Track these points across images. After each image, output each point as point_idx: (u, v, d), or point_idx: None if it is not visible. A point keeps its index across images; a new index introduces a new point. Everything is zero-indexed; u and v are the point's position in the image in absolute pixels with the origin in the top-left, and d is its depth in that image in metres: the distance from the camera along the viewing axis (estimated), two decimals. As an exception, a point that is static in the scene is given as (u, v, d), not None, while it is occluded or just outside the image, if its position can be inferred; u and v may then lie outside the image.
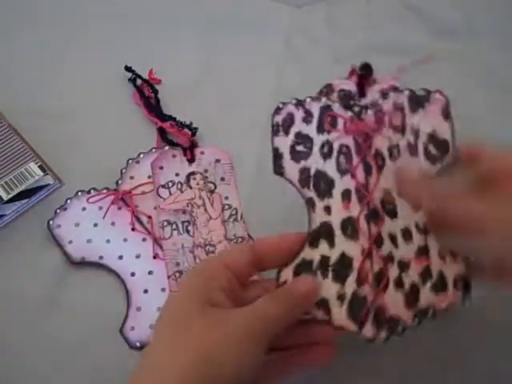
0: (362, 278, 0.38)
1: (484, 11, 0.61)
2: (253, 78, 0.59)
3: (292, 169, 0.40)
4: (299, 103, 0.41)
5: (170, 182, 0.52)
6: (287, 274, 0.39)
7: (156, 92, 0.57)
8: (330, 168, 0.40)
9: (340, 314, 0.38)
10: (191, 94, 0.58)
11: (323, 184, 0.40)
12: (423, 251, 0.39)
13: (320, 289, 0.38)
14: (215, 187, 0.52)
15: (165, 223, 0.50)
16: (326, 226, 0.39)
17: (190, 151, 0.53)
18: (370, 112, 0.40)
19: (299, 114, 0.41)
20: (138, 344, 0.46)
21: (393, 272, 0.38)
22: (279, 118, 0.41)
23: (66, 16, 0.61)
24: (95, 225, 0.50)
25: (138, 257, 0.49)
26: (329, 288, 0.38)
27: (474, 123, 0.48)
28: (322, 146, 0.40)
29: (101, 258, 0.49)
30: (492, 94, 0.56)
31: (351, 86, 0.41)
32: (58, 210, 0.50)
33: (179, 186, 0.52)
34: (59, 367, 0.45)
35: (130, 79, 0.57)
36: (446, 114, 0.40)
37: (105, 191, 0.51)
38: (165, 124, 0.54)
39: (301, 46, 0.61)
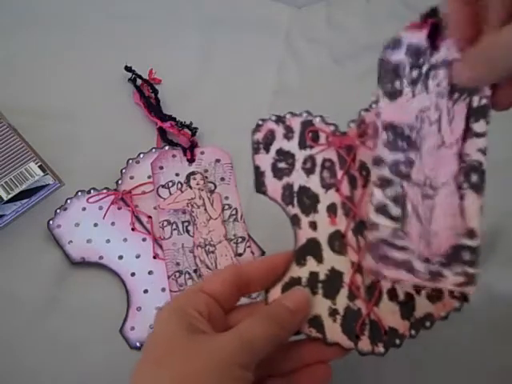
0: (353, 292, 0.37)
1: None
2: (253, 77, 0.59)
3: (274, 186, 0.39)
4: (279, 119, 0.39)
5: (170, 181, 0.52)
6: (275, 293, 0.38)
7: (156, 92, 0.57)
8: (313, 183, 0.39)
9: (334, 330, 0.37)
10: (191, 94, 0.58)
11: (307, 199, 0.39)
12: None
13: (311, 305, 0.37)
14: (215, 187, 0.52)
15: (165, 223, 0.50)
16: (313, 242, 0.38)
17: (189, 151, 0.53)
18: (440, 72, 0.34)
19: (280, 131, 0.39)
20: (137, 344, 0.46)
21: (385, 283, 0.37)
22: (259, 136, 0.39)
23: (66, 16, 0.61)
24: (95, 225, 0.50)
25: (138, 257, 0.49)
26: (320, 305, 0.37)
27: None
28: (305, 162, 0.39)
29: (101, 258, 0.49)
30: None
31: (421, 38, 0.35)
32: (58, 210, 0.50)
33: (179, 185, 0.52)
34: (59, 367, 0.45)
35: (129, 79, 0.57)
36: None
37: (105, 191, 0.51)
38: (165, 124, 0.54)
39: (301, 46, 0.61)
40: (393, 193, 0.35)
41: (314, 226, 0.38)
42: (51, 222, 0.50)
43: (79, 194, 0.51)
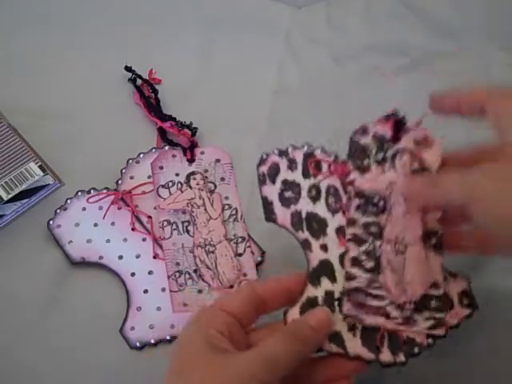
0: None
1: (484, 11, 0.61)
2: (253, 78, 0.59)
3: (283, 214, 0.41)
4: (282, 153, 0.42)
5: (170, 181, 0.52)
6: (293, 313, 0.39)
7: (156, 92, 0.56)
8: (320, 209, 0.41)
9: (354, 344, 0.39)
10: (191, 93, 0.58)
11: (316, 224, 0.41)
12: None
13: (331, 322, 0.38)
14: (215, 187, 0.52)
15: (165, 223, 0.50)
16: (325, 264, 0.40)
17: (189, 151, 0.53)
18: (404, 157, 0.40)
19: (283, 163, 0.42)
20: (137, 344, 0.46)
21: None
22: (264, 169, 0.42)
23: (65, 16, 0.61)
24: (95, 225, 0.50)
25: (138, 257, 0.49)
26: (338, 321, 0.39)
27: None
28: (310, 190, 0.41)
29: (101, 258, 0.49)
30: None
31: (385, 129, 0.41)
32: (58, 210, 0.50)
33: (179, 185, 0.52)
34: (59, 367, 0.45)
35: (130, 79, 0.57)
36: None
37: (105, 191, 0.51)
38: (165, 124, 0.54)
39: (301, 46, 0.61)
40: (365, 249, 0.40)
41: (324, 248, 0.40)
42: (51, 222, 0.50)
43: (79, 193, 0.51)
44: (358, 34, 0.61)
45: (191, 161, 0.53)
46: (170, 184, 0.52)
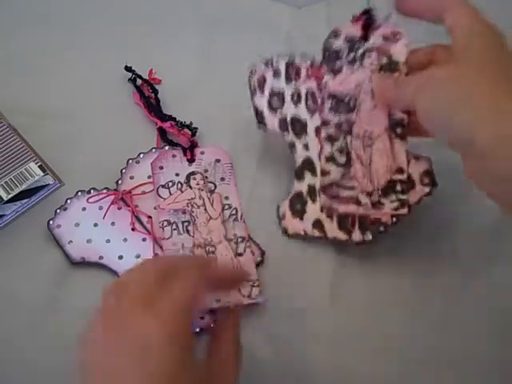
0: None
1: (483, 11, 0.61)
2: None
3: (272, 120, 0.48)
4: (268, 63, 0.48)
5: (170, 181, 0.52)
6: (285, 206, 0.49)
7: (156, 92, 0.56)
8: (301, 111, 0.47)
9: (332, 228, 0.47)
10: (191, 94, 0.58)
11: (298, 125, 0.47)
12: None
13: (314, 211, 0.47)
14: (215, 187, 0.52)
15: (165, 223, 0.50)
16: (307, 160, 0.47)
17: (189, 151, 0.53)
18: (372, 54, 0.46)
19: (269, 73, 0.48)
20: (138, 344, 0.46)
21: None
22: (254, 80, 0.49)
23: (66, 16, 0.61)
24: (95, 225, 0.50)
25: (137, 257, 0.49)
26: (319, 210, 0.47)
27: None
28: (292, 95, 0.48)
29: (101, 258, 0.49)
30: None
31: (356, 30, 0.46)
32: (58, 210, 0.50)
33: (179, 185, 0.52)
34: (59, 367, 0.45)
35: (129, 79, 0.57)
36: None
37: (105, 191, 0.51)
38: (165, 124, 0.54)
39: (301, 46, 0.61)
40: (338, 146, 0.46)
41: (306, 146, 0.47)
42: (51, 222, 0.50)
43: (79, 193, 0.51)
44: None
45: (191, 161, 0.53)
46: (170, 184, 0.52)
